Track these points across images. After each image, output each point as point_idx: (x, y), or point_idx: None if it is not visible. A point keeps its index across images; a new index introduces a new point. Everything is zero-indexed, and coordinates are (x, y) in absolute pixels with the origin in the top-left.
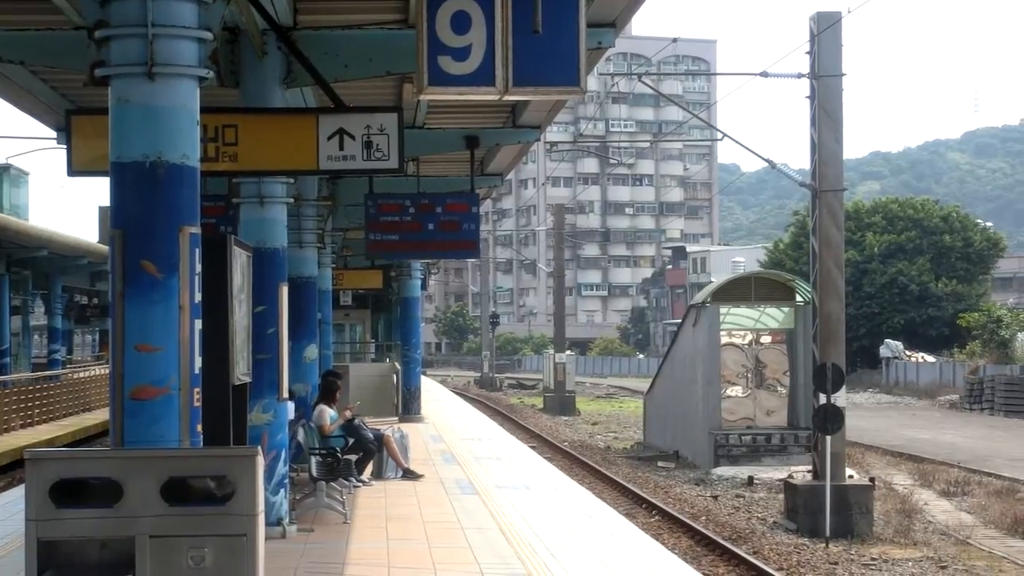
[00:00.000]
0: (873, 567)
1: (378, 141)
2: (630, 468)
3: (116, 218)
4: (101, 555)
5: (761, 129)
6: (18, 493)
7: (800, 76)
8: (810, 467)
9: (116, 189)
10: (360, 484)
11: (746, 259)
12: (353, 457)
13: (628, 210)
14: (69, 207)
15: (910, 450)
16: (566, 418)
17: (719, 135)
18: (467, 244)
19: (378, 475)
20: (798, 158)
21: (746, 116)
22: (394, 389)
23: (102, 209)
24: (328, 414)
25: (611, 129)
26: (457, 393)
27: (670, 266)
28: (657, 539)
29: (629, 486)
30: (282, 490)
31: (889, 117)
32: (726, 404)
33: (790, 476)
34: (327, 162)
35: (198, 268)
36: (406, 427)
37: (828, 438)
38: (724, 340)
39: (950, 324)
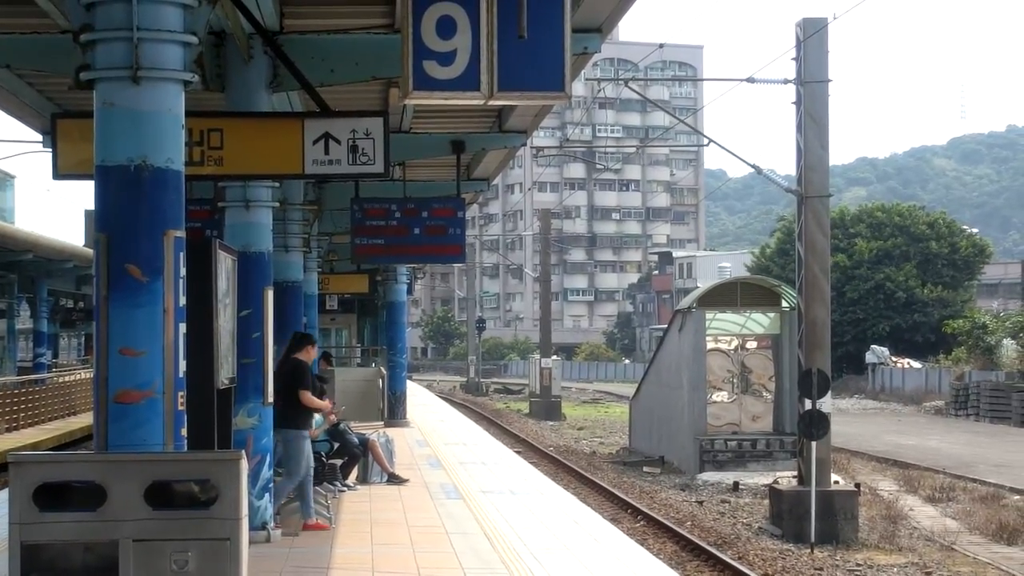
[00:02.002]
0: (858, 573)
1: (364, 145)
2: (615, 473)
3: (100, 222)
4: (84, 559)
5: (748, 135)
6: (2, 497)
7: (786, 82)
8: (795, 473)
9: (101, 193)
10: (345, 488)
11: (732, 264)
12: (338, 461)
13: (615, 215)
14: (55, 210)
15: (895, 456)
16: (552, 423)
17: (705, 140)
18: (453, 249)
19: (363, 479)
20: (784, 164)
21: (733, 122)
22: (380, 394)
23: (88, 213)
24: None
25: (598, 134)
26: (443, 398)
27: (656, 271)
28: (642, 544)
29: (614, 491)
30: (267, 494)
31: (876, 123)
32: (712, 409)
33: (775, 482)
34: (313, 166)
35: (183, 272)
36: (391, 431)
37: (813, 444)
38: (710, 345)
39: (936, 330)
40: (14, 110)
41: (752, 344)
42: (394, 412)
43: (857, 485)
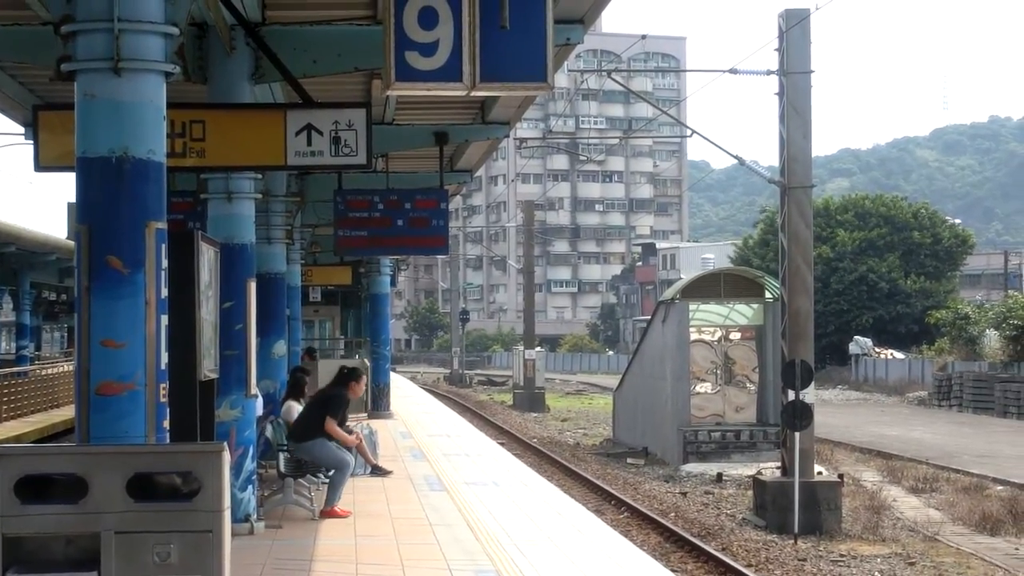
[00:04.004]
0: (841, 563)
1: (346, 137)
2: (599, 465)
3: (82, 213)
4: (66, 551)
5: (731, 126)
6: None
7: (769, 73)
8: (779, 463)
9: (82, 184)
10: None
11: (716, 256)
12: None
13: (598, 207)
14: (38, 203)
15: (879, 447)
16: (535, 415)
17: (689, 132)
18: (436, 240)
19: None
20: (767, 155)
21: (716, 113)
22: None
23: (70, 205)
24: (296, 410)
25: (581, 126)
26: (427, 390)
27: (640, 263)
28: (626, 536)
29: (598, 483)
30: (250, 486)
31: (858, 114)
32: (695, 401)
33: (759, 472)
34: (295, 158)
35: (164, 263)
36: (375, 423)
37: (797, 434)
38: (693, 336)
39: (919, 321)
40: None
41: (735, 335)
42: (378, 404)
43: (840, 476)
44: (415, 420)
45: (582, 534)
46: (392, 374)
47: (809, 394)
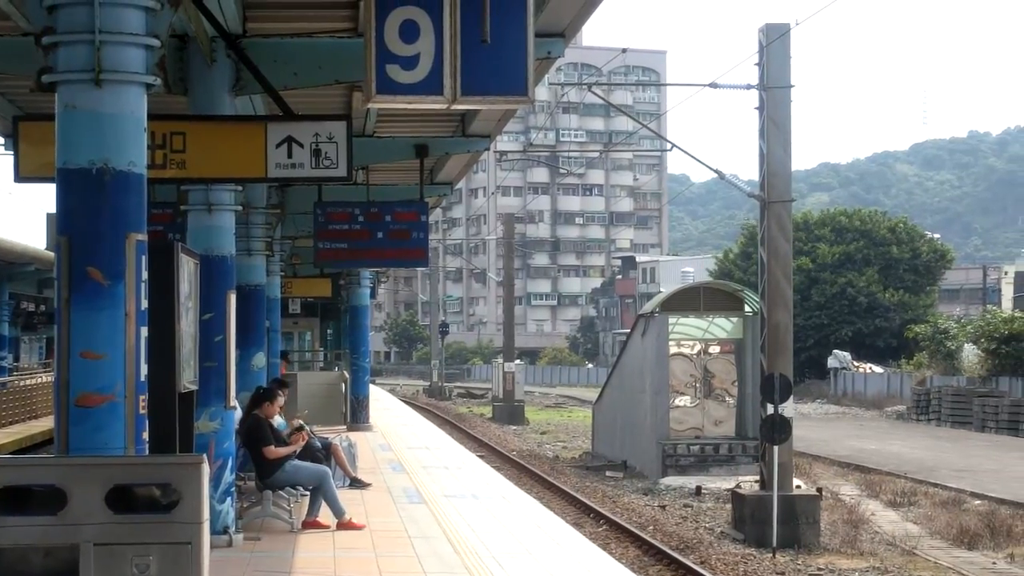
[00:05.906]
0: None
1: (327, 149)
2: (578, 478)
3: (62, 225)
4: (45, 563)
5: (711, 140)
6: None
7: (749, 87)
8: (758, 477)
9: (62, 196)
10: (307, 493)
11: (695, 269)
12: None
13: (578, 220)
14: (17, 213)
15: (857, 460)
16: (515, 427)
17: (669, 145)
18: (416, 253)
19: None
20: (747, 169)
21: (696, 127)
22: (342, 398)
23: (50, 216)
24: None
25: (561, 139)
26: (406, 402)
27: (620, 276)
28: (604, 549)
29: (577, 495)
30: (228, 498)
31: (838, 129)
32: (674, 414)
33: (738, 486)
34: (275, 170)
35: (144, 275)
36: (354, 436)
37: (776, 448)
38: (673, 350)
39: (898, 335)
40: None
41: (715, 349)
42: (357, 416)
43: (819, 490)
44: (394, 433)
45: (561, 547)
46: (371, 386)
47: (788, 408)
